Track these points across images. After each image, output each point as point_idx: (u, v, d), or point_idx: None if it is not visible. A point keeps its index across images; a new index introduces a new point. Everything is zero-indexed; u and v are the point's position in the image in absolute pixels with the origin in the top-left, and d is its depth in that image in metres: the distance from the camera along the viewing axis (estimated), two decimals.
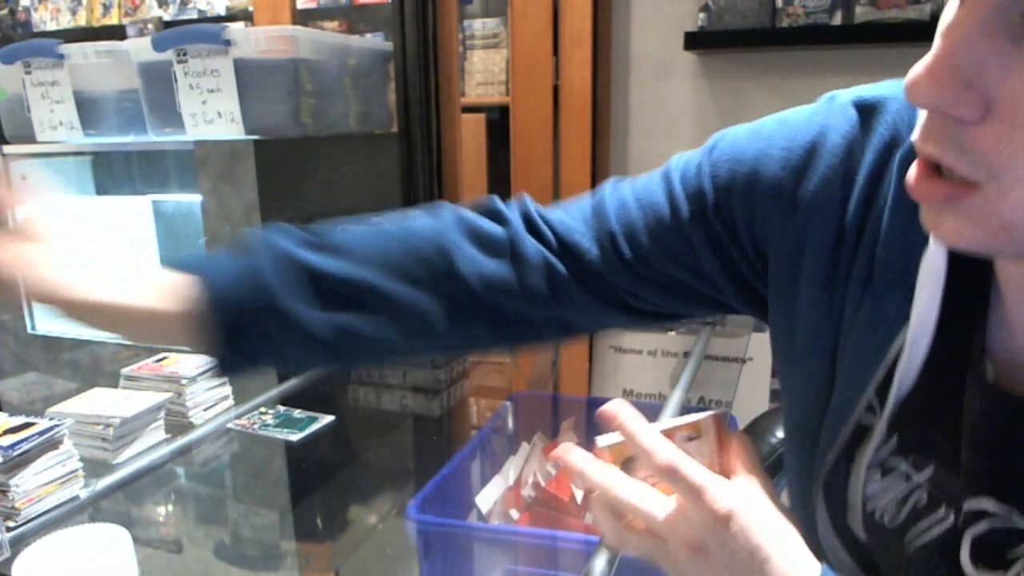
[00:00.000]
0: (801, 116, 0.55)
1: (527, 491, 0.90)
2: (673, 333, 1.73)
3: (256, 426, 1.06)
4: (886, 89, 0.51)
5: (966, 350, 0.47)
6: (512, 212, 0.63)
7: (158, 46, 1.39)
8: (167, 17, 3.06)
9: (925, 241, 0.46)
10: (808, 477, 0.55)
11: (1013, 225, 0.35)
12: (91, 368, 1.57)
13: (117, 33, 3.01)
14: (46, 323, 1.67)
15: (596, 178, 2.12)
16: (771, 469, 0.93)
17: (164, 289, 0.59)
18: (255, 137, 1.37)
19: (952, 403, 0.47)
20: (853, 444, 0.51)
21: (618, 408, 0.50)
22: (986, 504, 0.44)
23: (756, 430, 0.96)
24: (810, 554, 0.46)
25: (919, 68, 0.34)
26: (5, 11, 3.34)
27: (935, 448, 0.48)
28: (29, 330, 1.66)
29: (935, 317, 0.46)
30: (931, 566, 0.47)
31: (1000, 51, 0.32)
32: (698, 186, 0.58)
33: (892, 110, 0.49)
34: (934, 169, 0.37)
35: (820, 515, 0.54)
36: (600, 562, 0.55)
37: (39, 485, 0.82)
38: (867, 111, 0.51)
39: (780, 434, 0.93)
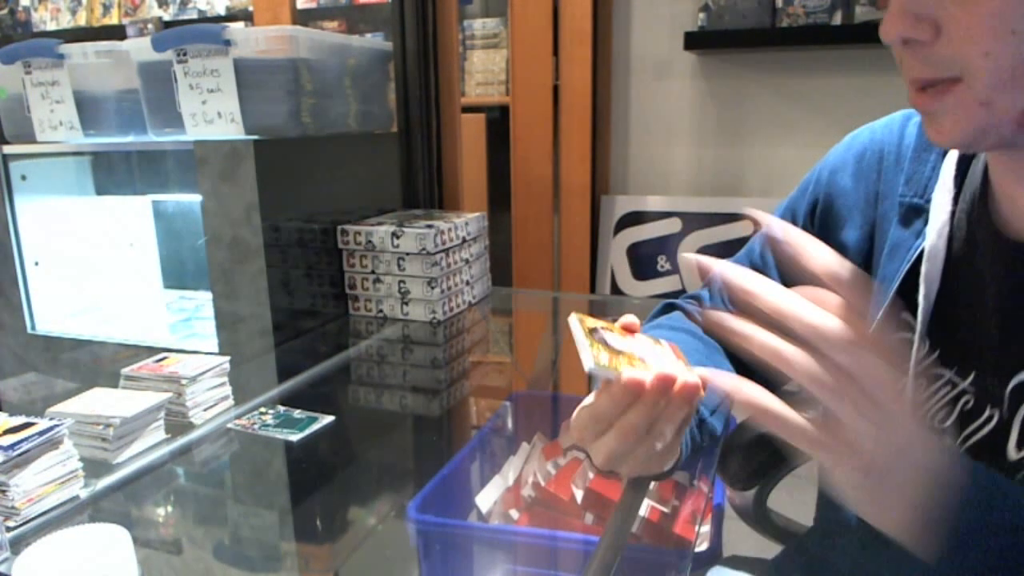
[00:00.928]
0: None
1: (527, 491, 0.90)
2: None
3: (256, 426, 1.06)
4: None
5: (975, 245, 0.55)
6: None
7: (158, 46, 1.39)
8: (167, 17, 3.06)
9: (934, 178, 0.59)
10: None
11: (991, 101, 0.45)
12: (91, 368, 1.57)
13: (117, 33, 3.01)
14: (46, 323, 1.67)
15: (596, 178, 2.12)
16: (758, 472, 0.93)
17: None
18: (255, 137, 1.37)
19: (977, 300, 0.54)
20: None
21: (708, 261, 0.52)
22: (1021, 378, 0.49)
23: (743, 434, 0.96)
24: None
25: (884, 20, 0.47)
26: (5, 11, 3.34)
27: (974, 352, 0.54)
28: (29, 330, 1.66)
29: (946, 224, 0.56)
30: (982, 460, 0.48)
31: None
32: None
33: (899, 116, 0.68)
34: (923, 89, 0.49)
35: None
36: (599, 563, 0.55)
37: (39, 485, 0.82)
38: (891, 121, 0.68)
39: (767, 438, 0.93)
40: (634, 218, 2.14)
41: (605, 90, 2.13)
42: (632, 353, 0.57)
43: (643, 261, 2.14)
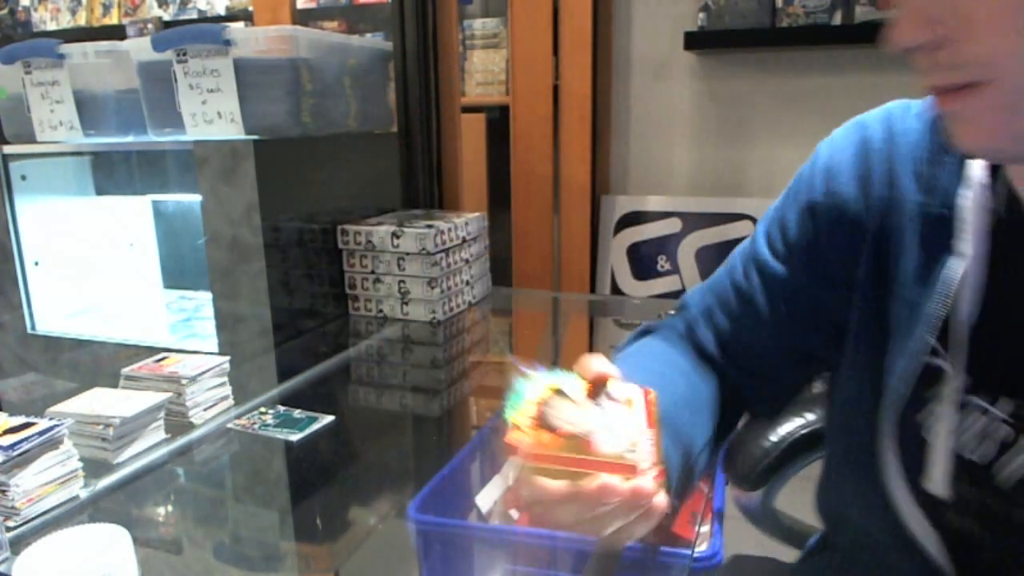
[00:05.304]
0: None
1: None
2: None
3: (256, 426, 1.06)
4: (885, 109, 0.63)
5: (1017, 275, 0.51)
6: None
7: (158, 46, 1.39)
8: (167, 17, 3.06)
9: (956, 186, 0.53)
10: (869, 447, 0.57)
11: (1019, 109, 0.42)
12: (91, 368, 1.57)
13: (117, 33, 3.01)
14: (46, 323, 1.67)
15: (596, 178, 2.12)
16: (768, 471, 0.93)
17: None
18: (255, 137, 1.37)
19: (1017, 321, 0.50)
20: (923, 388, 0.54)
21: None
22: None
23: (753, 431, 0.96)
24: None
25: (893, 27, 0.44)
26: (5, 11, 3.34)
27: (1010, 381, 0.50)
28: (29, 330, 1.66)
29: (986, 247, 0.51)
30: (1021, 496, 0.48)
31: None
32: None
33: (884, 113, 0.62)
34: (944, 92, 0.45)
35: (894, 482, 0.55)
36: (599, 563, 0.55)
37: (39, 485, 0.82)
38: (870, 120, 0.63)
39: (773, 438, 0.93)
40: (634, 218, 2.14)
41: (605, 90, 2.13)
42: (580, 435, 0.51)
43: (643, 261, 2.14)
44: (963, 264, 0.52)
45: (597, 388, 0.55)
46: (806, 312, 0.66)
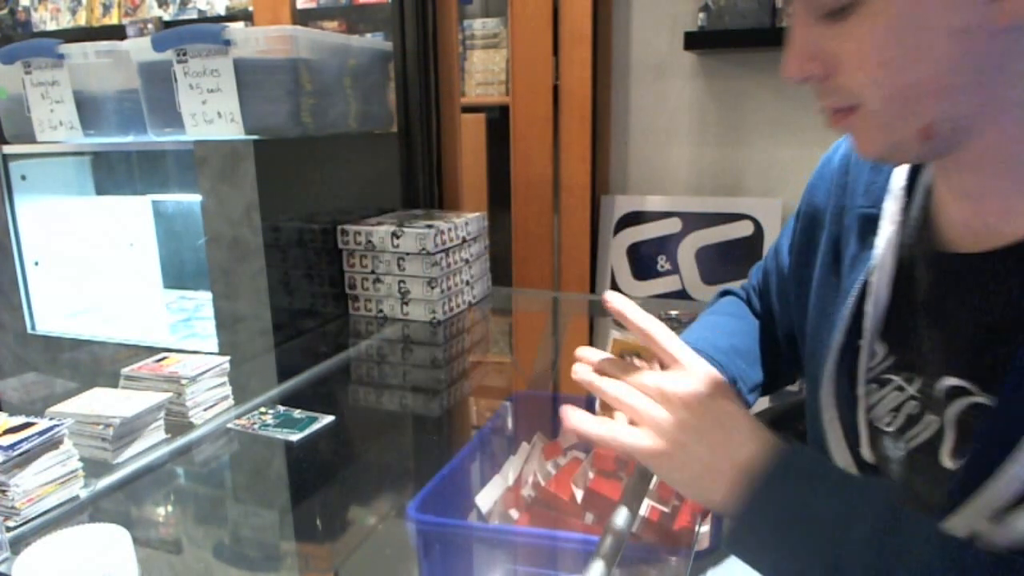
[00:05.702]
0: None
1: (527, 491, 0.90)
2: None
3: (256, 426, 1.06)
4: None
5: (916, 254, 0.59)
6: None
7: (158, 46, 1.39)
8: (167, 17, 3.06)
9: (887, 188, 0.62)
10: (819, 422, 0.65)
11: (889, 122, 0.50)
12: (91, 368, 1.57)
13: (117, 33, 3.01)
14: (46, 323, 1.67)
15: (596, 178, 2.12)
16: None
17: None
18: (255, 137, 1.37)
19: (921, 307, 0.57)
20: (852, 366, 0.62)
21: (623, 303, 0.63)
22: (949, 381, 0.54)
23: (767, 420, 0.96)
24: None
25: (783, 60, 0.52)
26: (5, 11, 3.34)
27: (920, 359, 0.57)
28: (29, 330, 1.66)
29: (895, 234, 0.60)
30: (919, 464, 0.57)
31: (821, 30, 0.49)
32: None
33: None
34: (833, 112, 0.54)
35: (835, 446, 0.63)
36: (599, 563, 0.55)
37: (39, 485, 0.82)
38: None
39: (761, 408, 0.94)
40: (634, 218, 2.14)
41: (605, 90, 2.13)
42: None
43: (643, 261, 2.14)
44: (878, 257, 0.61)
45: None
46: (793, 301, 0.77)
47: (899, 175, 0.62)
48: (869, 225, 0.63)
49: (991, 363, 0.51)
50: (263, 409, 1.12)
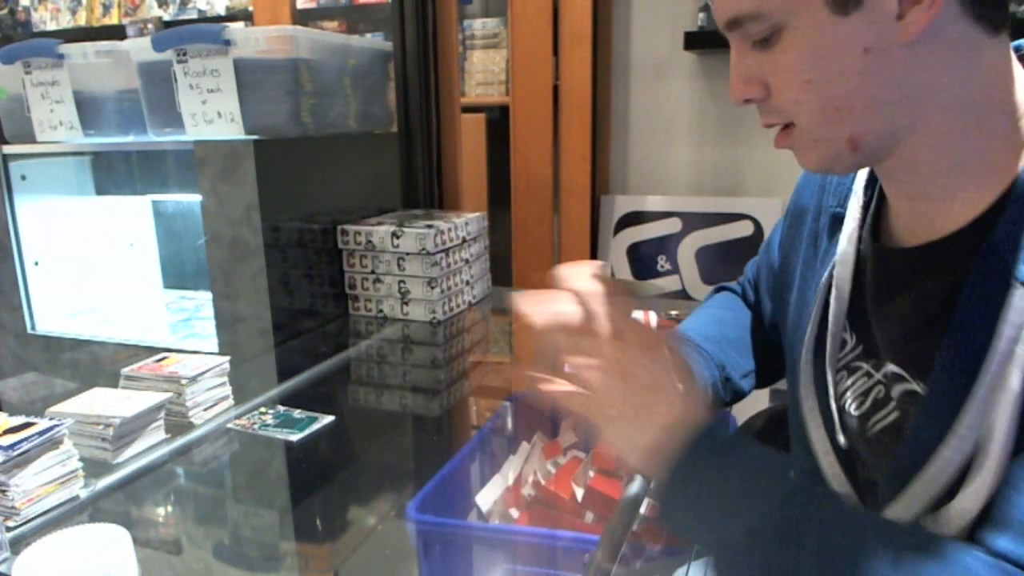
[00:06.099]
0: None
1: (527, 490, 0.90)
2: None
3: (256, 426, 1.06)
4: None
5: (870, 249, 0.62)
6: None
7: (158, 46, 1.39)
8: (167, 17, 3.06)
9: (850, 191, 0.66)
10: (802, 404, 0.67)
11: (819, 137, 0.54)
12: (91, 368, 1.57)
13: (117, 33, 3.01)
14: (46, 323, 1.67)
15: (596, 178, 2.12)
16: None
17: None
18: (255, 137, 1.37)
19: (872, 303, 0.61)
20: (823, 354, 0.66)
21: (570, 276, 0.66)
22: (890, 368, 0.58)
23: (752, 428, 0.96)
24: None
25: (730, 85, 0.57)
26: (5, 11, 3.34)
27: (882, 346, 0.60)
28: (29, 330, 1.66)
29: (855, 231, 0.64)
30: (882, 447, 0.60)
31: (754, 57, 0.55)
32: None
33: None
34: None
35: (815, 434, 0.66)
36: (599, 563, 0.55)
37: (39, 485, 0.82)
38: None
39: (772, 432, 0.94)
40: (634, 218, 2.14)
41: (605, 90, 2.13)
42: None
43: (643, 261, 2.14)
44: (841, 252, 0.65)
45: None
46: (781, 296, 0.79)
47: (860, 176, 0.66)
48: (837, 224, 0.67)
49: (926, 352, 0.53)
50: (263, 409, 1.12)
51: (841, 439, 0.64)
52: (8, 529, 0.78)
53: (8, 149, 1.60)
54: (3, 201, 1.60)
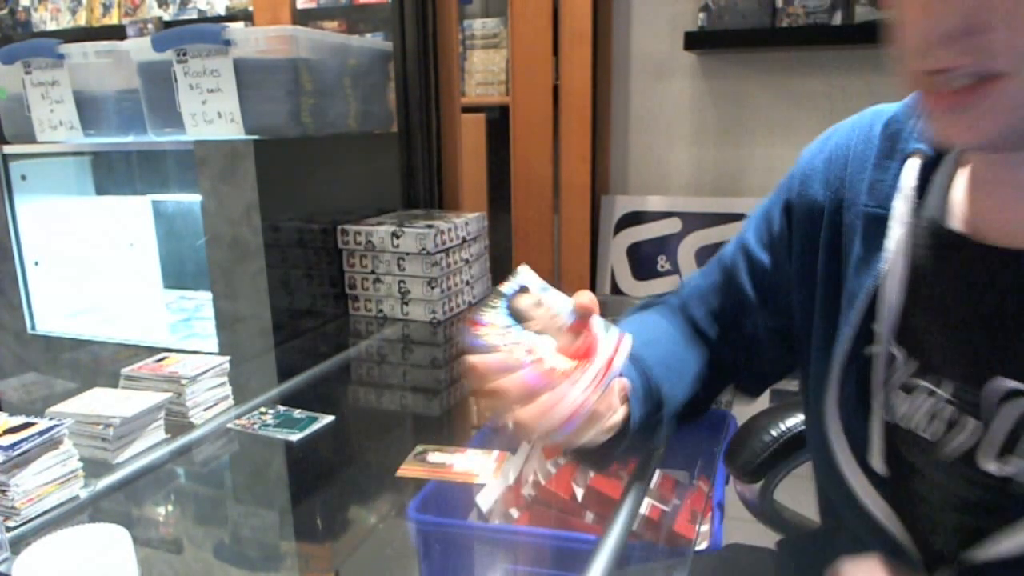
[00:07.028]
0: None
1: (527, 490, 0.90)
2: None
3: (256, 426, 1.06)
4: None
5: (941, 254, 0.55)
6: None
7: (158, 46, 1.39)
8: (167, 17, 3.06)
9: (896, 187, 0.59)
10: (827, 424, 0.62)
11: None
12: (91, 368, 1.57)
13: (117, 33, 3.01)
14: (46, 323, 1.67)
15: (596, 178, 2.12)
16: (765, 464, 0.94)
17: None
18: (255, 137, 1.37)
19: (949, 309, 0.54)
20: (862, 374, 0.59)
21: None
22: (1005, 384, 0.50)
23: (754, 427, 0.96)
24: None
25: (921, 37, 0.44)
26: (5, 11, 3.34)
27: (950, 362, 0.54)
28: (29, 330, 1.66)
29: (907, 235, 0.57)
30: (965, 472, 0.53)
31: None
32: None
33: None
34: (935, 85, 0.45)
35: (845, 463, 0.61)
36: (601, 561, 0.55)
37: (39, 485, 0.82)
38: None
39: (774, 432, 0.94)
40: (634, 218, 2.14)
41: (605, 90, 2.13)
42: (526, 344, 0.66)
43: (643, 261, 2.13)
44: (889, 260, 0.58)
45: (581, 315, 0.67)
46: (783, 300, 0.72)
47: (909, 175, 0.59)
48: (876, 226, 0.60)
49: None
50: (263, 409, 1.12)
51: (876, 463, 0.59)
52: (8, 529, 0.78)
53: (8, 149, 1.60)
54: (3, 201, 1.60)
